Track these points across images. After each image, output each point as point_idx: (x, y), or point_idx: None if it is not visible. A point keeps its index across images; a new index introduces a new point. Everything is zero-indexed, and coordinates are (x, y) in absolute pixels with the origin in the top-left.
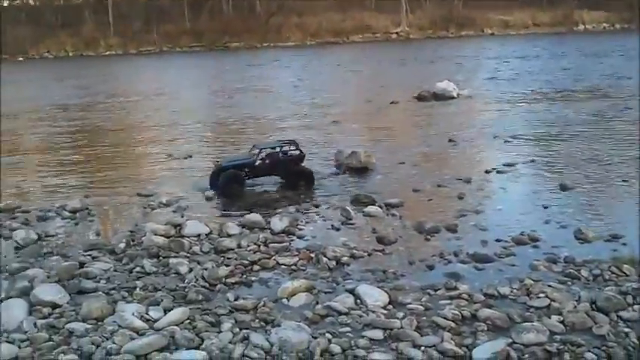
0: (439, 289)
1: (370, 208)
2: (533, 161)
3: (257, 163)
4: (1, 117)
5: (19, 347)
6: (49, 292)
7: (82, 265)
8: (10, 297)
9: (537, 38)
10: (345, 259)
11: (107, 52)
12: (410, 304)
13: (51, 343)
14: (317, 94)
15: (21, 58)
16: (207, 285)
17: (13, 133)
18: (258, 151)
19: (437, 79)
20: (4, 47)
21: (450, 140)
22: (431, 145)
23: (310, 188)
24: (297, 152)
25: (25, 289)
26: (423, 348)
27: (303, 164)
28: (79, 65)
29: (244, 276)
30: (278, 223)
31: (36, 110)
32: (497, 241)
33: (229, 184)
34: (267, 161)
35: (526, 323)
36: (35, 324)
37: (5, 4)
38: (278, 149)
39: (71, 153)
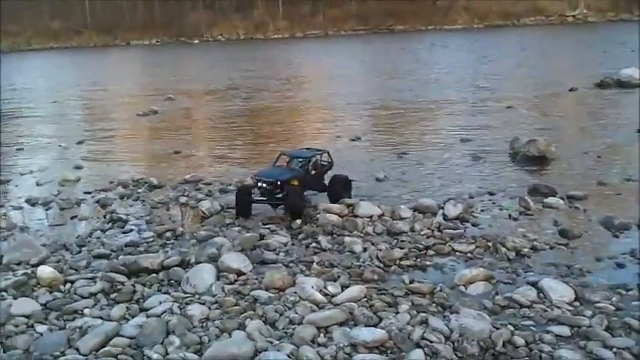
0: (631, 289)
1: (551, 200)
2: None
3: (308, 175)
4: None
5: (209, 309)
6: (235, 260)
7: (262, 237)
8: (200, 262)
9: None
10: (525, 250)
11: (275, 36)
12: (599, 302)
13: (238, 307)
14: (489, 79)
15: (196, 41)
16: (382, 265)
17: (189, 111)
18: (302, 160)
19: (620, 66)
20: (183, 30)
21: (639, 131)
22: (616, 136)
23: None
24: (330, 160)
25: (213, 255)
26: (615, 349)
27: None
28: (250, 48)
29: (419, 260)
30: (452, 209)
31: (211, 90)
32: None
33: (299, 202)
34: (313, 172)
35: None
36: (223, 288)
37: None
38: (318, 157)
39: (245, 131)
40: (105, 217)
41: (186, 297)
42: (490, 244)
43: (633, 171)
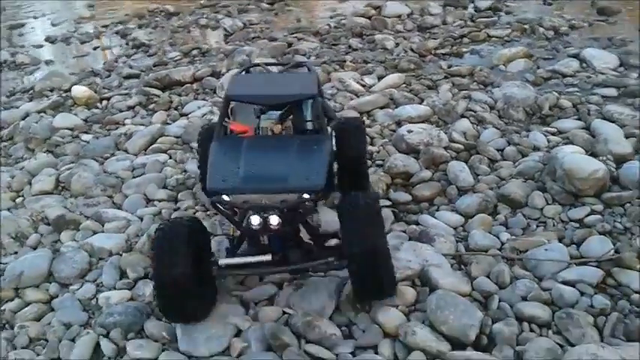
0: None
1: None
2: None
3: None
4: None
5: None
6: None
7: (289, 44)
8: (231, 70)
9: None
10: (563, 29)
11: None
12: None
13: None
14: None
15: None
16: (417, 56)
17: None
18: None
19: None
20: None
21: None
22: None
23: None
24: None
25: (244, 62)
26: None
27: None
28: None
29: (454, 47)
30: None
31: None
32: None
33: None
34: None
35: None
36: None
37: None
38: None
39: None
40: (127, 44)
41: None
42: (527, 26)
43: None
